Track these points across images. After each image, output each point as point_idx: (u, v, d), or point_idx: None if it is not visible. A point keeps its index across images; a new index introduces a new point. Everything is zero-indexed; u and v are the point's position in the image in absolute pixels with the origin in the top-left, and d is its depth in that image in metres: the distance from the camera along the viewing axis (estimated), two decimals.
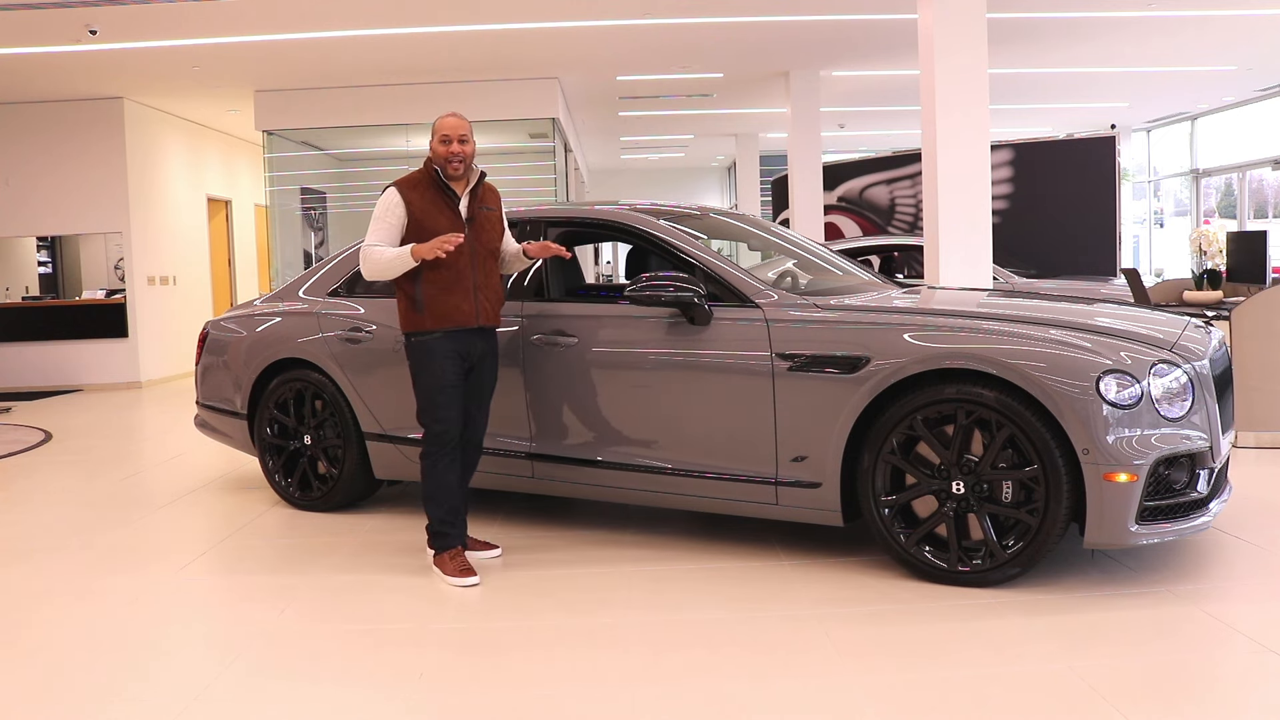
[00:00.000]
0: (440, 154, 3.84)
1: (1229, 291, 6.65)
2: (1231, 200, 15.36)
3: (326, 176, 12.56)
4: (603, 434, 4.10)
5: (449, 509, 3.85)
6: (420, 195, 3.84)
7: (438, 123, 3.87)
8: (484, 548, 4.08)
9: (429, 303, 3.79)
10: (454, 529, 3.87)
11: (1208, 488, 3.45)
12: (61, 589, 3.88)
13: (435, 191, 3.85)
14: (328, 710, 2.74)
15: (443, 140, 3.83)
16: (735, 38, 9.53)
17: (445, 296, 3.79)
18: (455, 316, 3.80)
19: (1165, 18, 9.32)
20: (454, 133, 3.83)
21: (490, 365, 3.98)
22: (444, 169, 3.84)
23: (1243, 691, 2.69)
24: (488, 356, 3.96)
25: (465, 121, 3.89)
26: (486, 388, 4.00)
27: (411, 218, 3.81)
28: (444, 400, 3.81)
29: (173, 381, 11.34)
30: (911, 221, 10.95)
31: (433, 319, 3.79)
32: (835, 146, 17.15)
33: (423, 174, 3.90)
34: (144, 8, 7.51)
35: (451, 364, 3.81)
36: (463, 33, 8.74)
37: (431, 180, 3.86)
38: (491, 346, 3.97)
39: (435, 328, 3.80)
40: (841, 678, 2.81)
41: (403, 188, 3.86)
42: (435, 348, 3.81)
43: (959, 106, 6.18)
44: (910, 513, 3.58)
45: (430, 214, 3.82)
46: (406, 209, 3.81)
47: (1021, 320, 3.57)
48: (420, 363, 3.84)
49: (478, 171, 3.96)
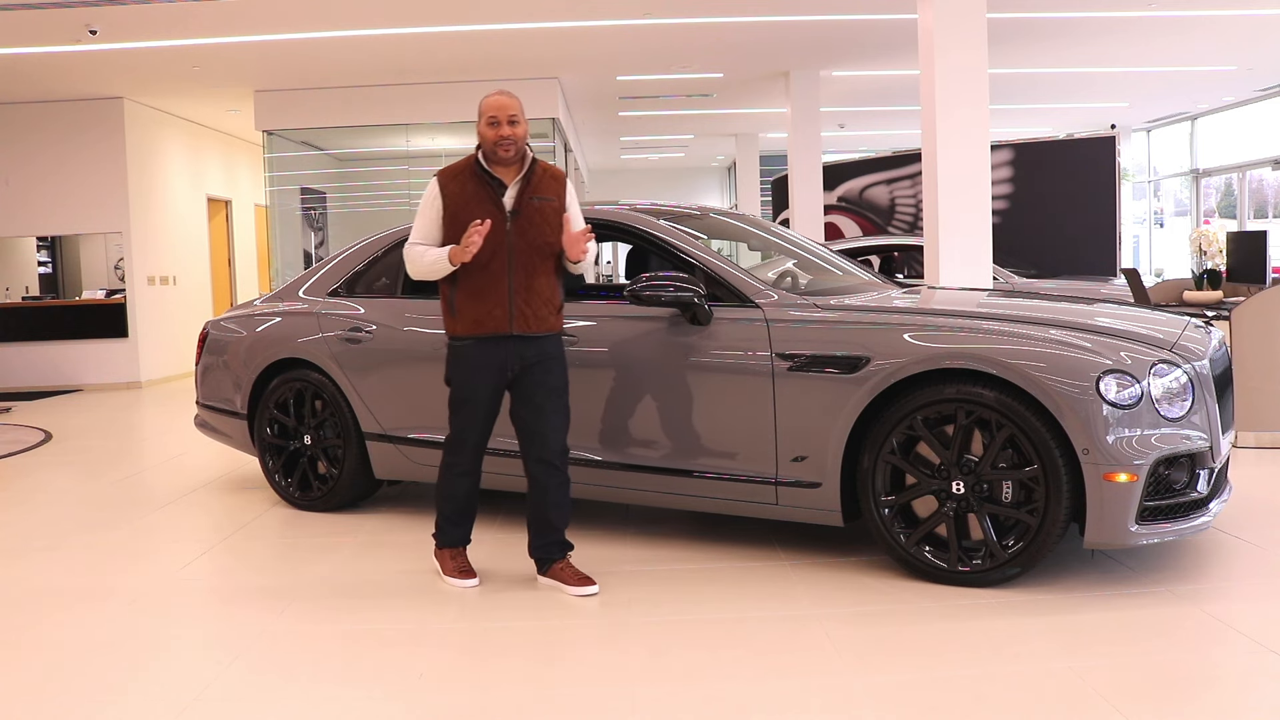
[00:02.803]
0: (488, 138, 3.48)
1: (1229, 291, 6.65)
2: (1231, 200, 15.36)
3: (326, 176, 12.56)
4: (602, 434, 4.09)
5: (456, 510, 3.75)
6: (459, 185, 3.53)
7: (484, 102, 3.51)
8: (579, 583, 3.59)
9: (460, 307, 3.54)
10: (457, 529, 3.78)
11: (1208, 488, 3.45)
12: (61, 589, 3.88)
13: (476, 181, 3.52)
14: (327, 710, 2.74)
15: (490, 122, 3.47)
16: (735, 38, 9.53)
17: (475, 302, 3.50)
18: (486, 323, 3.50)
19: (1165, 18, 9.32)
20: (502, 113, 3.46)
21: (540, 373, 3.58)
22: (492, 154, 3.50)
23: (1243, 691, 2.69)
24: (537, 364, 3.57)
25: (515, 99, 3.51)
26: (539, 396, 3.59)
27: (448, 210, 3.52)
28: (466, 408, 3.61)
29: (173, 381, 11.34)
30: (911, 221, 10.94)
31: (464, 324, 3.54)
32: (835, 146, 17.15)
33: (467, 161, 3.58)
34: (144, 8, 7.50)
35: (481, 375, 3.56)
36: (463, 33, 8.74)
37: (473, 168, 3.55)
38: (542, 353, 3.58)
39: (466, 334, 3.55)
40: (841, 678, 2.81)
41: (443, 177, 3.57)
42: (466, 355, 3.57)
43: (959, 106, 6.18)
44: (910, 513, 3.58)
45: (467, 206, 3.49)
46: (444, 200, 3.53)
47: (1021, 320, 3.57)
48: (452, 369, 3.63)
49: (530, 157, 3.57)
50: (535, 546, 3.71)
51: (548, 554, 3.69)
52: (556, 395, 3.64)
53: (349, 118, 10.94)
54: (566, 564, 3.67)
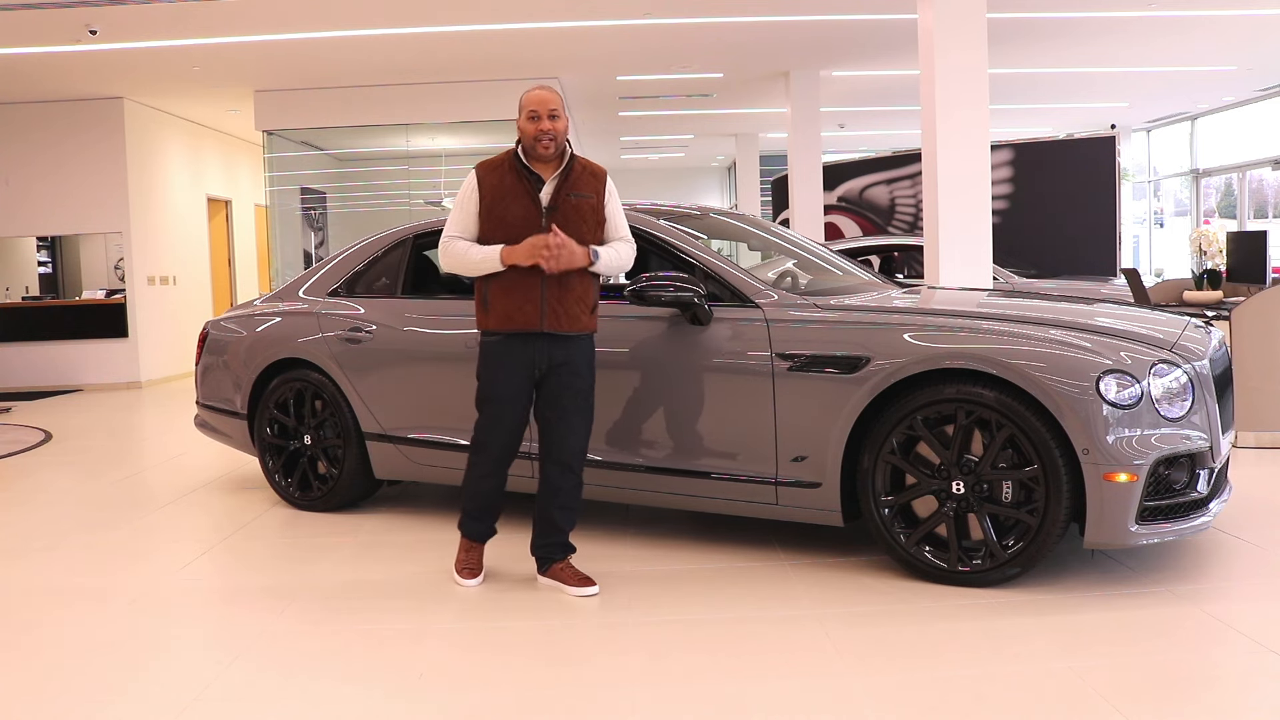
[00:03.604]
0: (528, 132, 3.46)
1: (1229, 291, 6.65)
2: (1231, 200, 15.36)
3: (326, 176, 12.56)
4: (603, 434, 4.09)
5: (477, 507, 3.72)
6: (498, 178, 3.50)
7: (525, 97, 3.49)
8: (579, 583, 3.59)
9: (493, 302, 3.51)
10: (477, 524, 3.74)
11: (1208, 488, 3.45)
12: (61, 589, 3.88)
13: (514, 175, 3.49)
14: (327, 710, 2.74)
15: (531, 116, 3.45)
16: (735, 38, 9.53)
17: (507, 297, 3.47)
18: (517, 319, 3.47)
19: (1165, 18, 9.32)
20: (543, 107, 3.44)
21: (568, 375, 3.54)
22: (532, 149, 3.48)
23: (1242, 691, 2.69)
24: (565, 365, 3.54)
25: (556, 94, 3.49)
26: (565, 399, 3.56)
27: (483, 202, 3.49)
28: (491, 410, 3.58)
29: (173, 381, 11.34)
30: (911, 221, 10.95)
31: (495, 319, 3.51)
32: (835, 146, 17.15)
33: (506, 154, 3.56)
34: (144, 8, 7.51)
35: (510, 373, 3.53)
36: (463, 33, 8.74)
37: (512, 162, 3.52)
38: (573, 354, 3.55)
39: (498, 329, 3.52)
40: (841, 678, 2.81)
41: (482, 169, 3.54)
42: (496, 351, 3.54)
43: (959, 106, 6.18)
44: (910, 513, 3.58)
45: (503, 199, 3.48)
46: (480, 192, 3.50)
47: (1021, 320, 3.57)
48: (480, 364, 3.59)
49: (569, 153, 3.56)
50: (538, 545, 3.70)
51: (549, 554, 3.68)
52: (583, 398, 3.61)
53: (349, 118, 10.95)
54: (567, 564, 3.67)
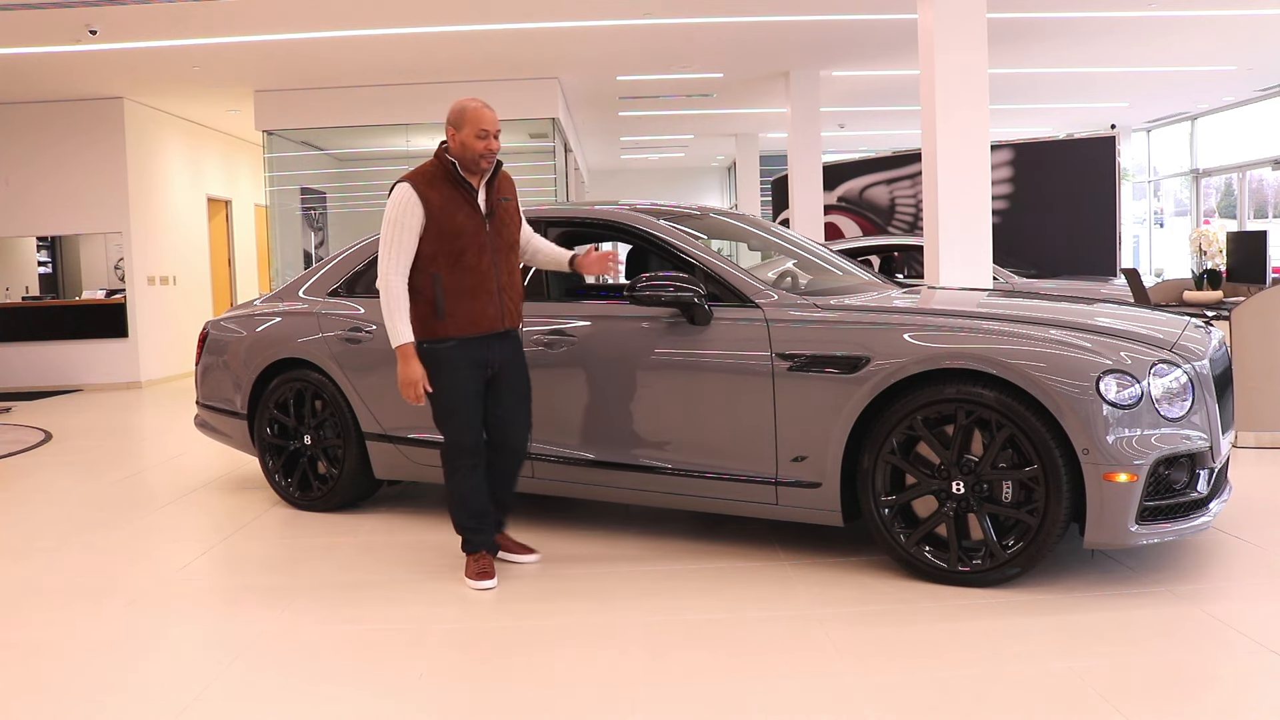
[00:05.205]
0: (476, 149, 3.57)
1: (1229, 291, 6.65)
2: (1231, 200, 15.36)
3: (326, 176, 12.56)
4: (602, 434, 4.09)
5: (472, 514, 3.75)
6: (438, 192, 3.58)
7: (473, 113, 3.58)
8: (521, 551, 3.96)
9: (452, 309, 3.57)
10: (479, 534, 3.77)
11: (1208, 488, 3.45)
12: (62, 589, 3.88)
13: (452, 187, 3.60)
14: (328, 710, 2.74)
15: (480, 135, 3.57)
16: (735, 38, 9.53)
17: (469, 302, 3.58)
18: (481, 323, 3.61)
19: (1165, 18, 9.32)
20: (494, 127, 3.60)
21: (517, 365, 3.79)
22: (474, 163, 3.60)
23: (1242, 691, 2.69)
24: (512, 358, 3.76)
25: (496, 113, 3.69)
26: (518, 389, 3.79)
27: (430, 217, 3.56)
28: (462, 410, 3.66)
29: (173, 381, 11.34)
30: (911, 221, 10.94)
31: (456, 326, 3.58)
32: (835, 146, 17.15)
33: (436, 167, 3.63)
34: (144, 8, 7.51)
35: (469, 373, 3.64)
36: (463, 33, 8.74)
37: (447, 174, 3.61)
38: (517, 347, 3.80)
39: (458, 335, 3.60)
40: (841, 678, 2.81)
41: (418, 184, 3.57)
42: (450, 356, 3.61)
43: (959, 107, 6.18)
44: (910, 513, 3.58)
45: (449, 212, 3.57)
46: (425, 208, 3.55)
47: (1021, 320, 3.57)
48: (435, 371, 3.62)
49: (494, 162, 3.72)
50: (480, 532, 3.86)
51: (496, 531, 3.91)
52: (528, 385, 3.87)
53: (349, 118, 10.95)
54: (505, 537, 4.00)
